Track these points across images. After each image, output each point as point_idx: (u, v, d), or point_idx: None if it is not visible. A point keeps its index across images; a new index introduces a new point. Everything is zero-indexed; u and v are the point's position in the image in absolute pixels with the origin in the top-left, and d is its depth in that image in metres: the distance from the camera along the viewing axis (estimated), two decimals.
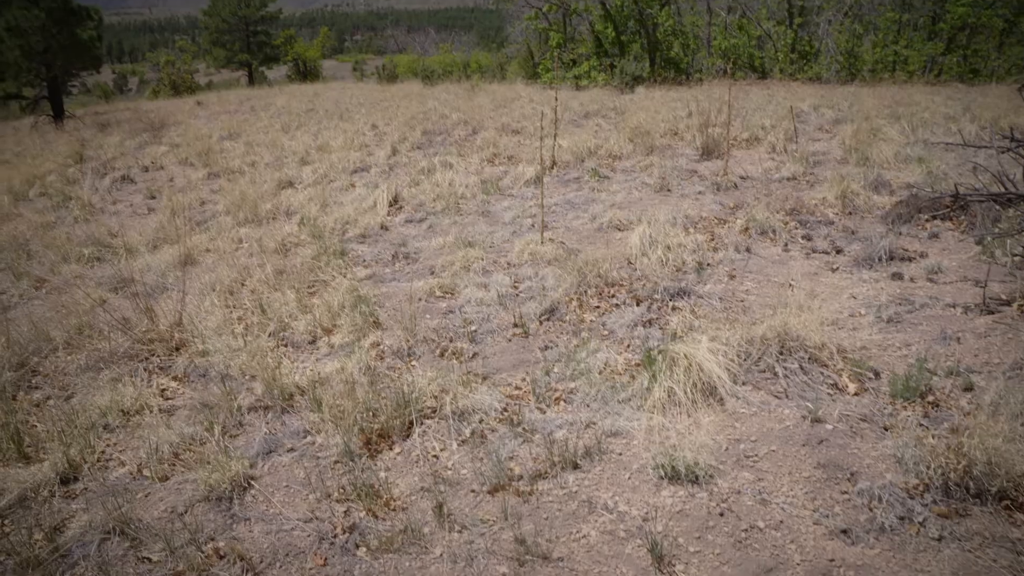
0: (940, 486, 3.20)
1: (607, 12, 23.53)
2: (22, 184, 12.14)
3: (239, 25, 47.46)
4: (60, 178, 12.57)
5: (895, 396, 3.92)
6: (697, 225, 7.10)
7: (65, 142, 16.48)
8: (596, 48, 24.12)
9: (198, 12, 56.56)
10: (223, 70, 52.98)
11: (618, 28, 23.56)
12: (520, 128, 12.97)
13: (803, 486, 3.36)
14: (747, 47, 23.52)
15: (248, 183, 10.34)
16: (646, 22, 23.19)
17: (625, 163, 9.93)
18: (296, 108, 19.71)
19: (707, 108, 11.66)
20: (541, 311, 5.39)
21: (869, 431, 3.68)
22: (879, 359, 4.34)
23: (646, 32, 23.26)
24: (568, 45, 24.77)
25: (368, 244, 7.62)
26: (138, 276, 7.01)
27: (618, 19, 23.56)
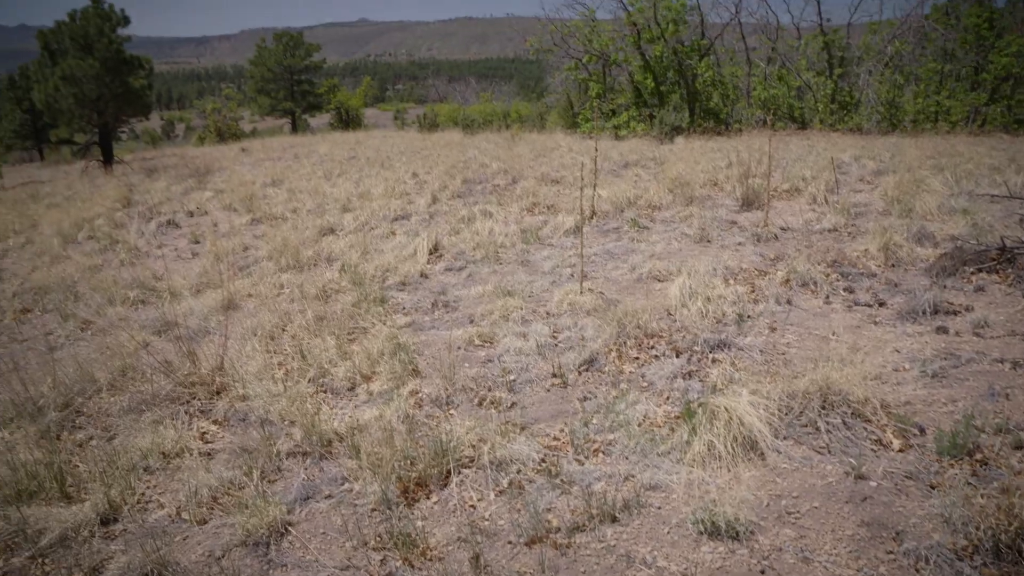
0: (990, 548, 3.12)
1: (647, 63, 23.71)
2: (72, 227, 12.44)
3: (284, 74, 48.55)
4: (108, 222, 12.85)
5: (942, 453, 3.84)
6: (737, 276, 7.07)
7: (113, 187, 16.88)
8: (635, 98, 24.26)
9: (245, 61, 57.97)
10: (267, 117, 54.04)
11: (657, 79, 23.71)
12: (560, 178, 13.05)
13: (847, 544, 3.29)
14: (787, 97, 23.53)
15: (290, 229, 10.49)
16: (685, 73, 23.33)
17: (665, 213, 9.94)
18: (338, 156, 20.02)
19: (747, 158, 11.66)
20: (580, 361, 5.38)
21: (915, 489, 3.61)
22: (924, 415, 4.27)
23: (685, 83, 23.39)
24: (607, 95, 24.94)
25: (408, 292, 7.68)
26: (181, 320, 7.12)
27: (657, 70, 23.72)
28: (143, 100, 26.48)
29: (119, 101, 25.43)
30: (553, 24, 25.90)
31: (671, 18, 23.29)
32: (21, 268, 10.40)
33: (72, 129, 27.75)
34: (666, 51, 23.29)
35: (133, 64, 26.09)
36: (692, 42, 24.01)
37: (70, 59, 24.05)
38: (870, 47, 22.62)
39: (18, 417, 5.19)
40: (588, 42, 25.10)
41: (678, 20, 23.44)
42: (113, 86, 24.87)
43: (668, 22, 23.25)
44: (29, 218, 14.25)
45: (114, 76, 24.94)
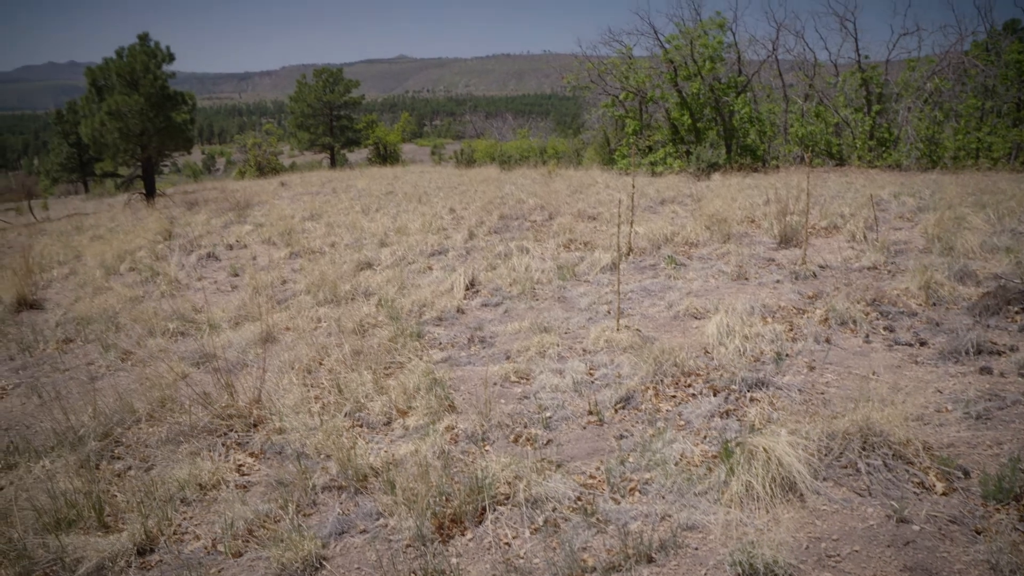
0: None
1: (683, 100, 23.78)
2: (114, 259, 12.66)
3: (323, 110, 49.27)
4: (149, 254, 13.07)
5: (987, 497, 3.76)
6: (775, 314, 7.02)
7: (155, 219, 17.15)
8: (672, 135, 24.31)
9: (285, 97, 58.95)
10: (306, 152, 54.83)
11: (694, 115, 23.76)
12: (596, 214, 13.07)
13: None
14: (824, 134, 23.44)
15: (328, 263, 10.60)
16: (722, 109, 23.36)
17: (702, 250, 9.92)
18: (376, 190, 20.21)
19: (784, 195, 11.61)
20: (616, 399, 5.36)
21: (959, 534, 3.54)
22: (968, 457, 4.19)
23: (722, 119, 23.41)
24: (644, 132, 25.01)
25: (444, 327, 7.71)
26: (220, 352, 7.21)
27: (694, 107, 23.77)
28: (186, 135, 26.96)
29: (162, 135, 25.90)
30: (590, 61, 26.11)
31: (708, 55, 23.37)
32: (64, 299, 10.60)
33: (116, 162, 28.30)
34: (703, 88, 23.36)
35: (177, 100, 26.61)
36: (729, 79, 24.07)
37: (116, 95, 24.58)
38: (909, 83, 22.50)
39: (59, 446, 5.27)
40: (625, 79, 25.25)
41: (715, 57, 23.51)
42: (157, 121, 25.35)
43: (705, 59, 23.33)
44: (73, 249, 14.54)
45: (158, 111, 25.44)
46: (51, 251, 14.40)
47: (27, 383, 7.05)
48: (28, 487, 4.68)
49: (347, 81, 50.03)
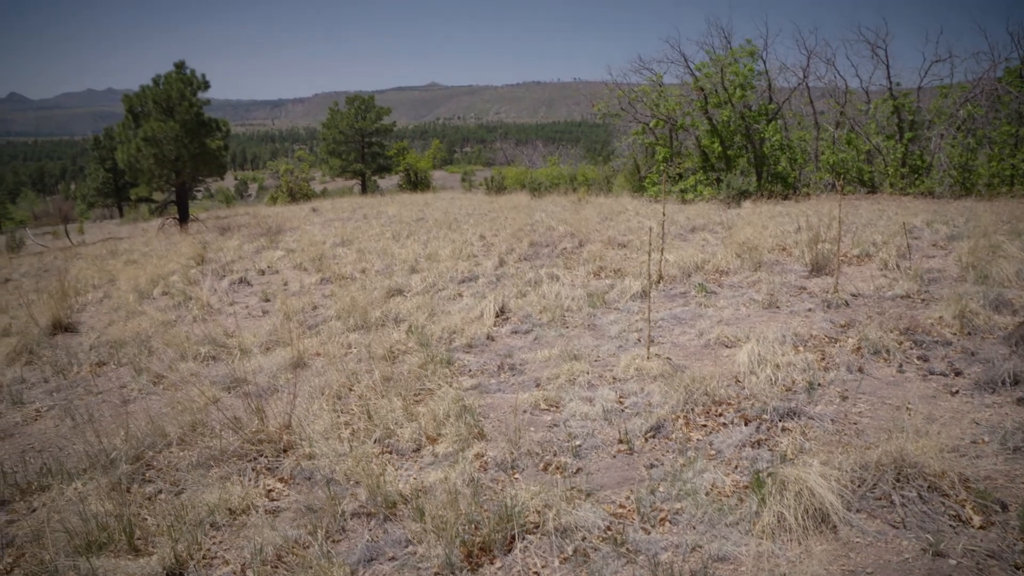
0: None
1: (714, 127, 23.79)
2: (147, 283, 12.83)
3: (355, 137, 49.79)
4: (182, 278, 13.23)
5: None
6: (807, 343, 6.97)
7: (188, 244, 17.37)
8: (702, 162, 24.31)
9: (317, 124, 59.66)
10: (338, 178, 55.35)
11: (725, 143, 23.75)
12: (626, 241, 13.08)
13: None
14: (856, 161, 23.33)
15: (359, 289, 10.66)
16: (753, 137, 23.33)
17: (732, 278, 9.88)
18: (407, 217, 20.36)
19: (815, 223, 11.56)
20: (647, 428, 5.34)
21: (998, 569, 3.48)
22: (1006, 491, 4.13)
23: (753, 147, 23.38)
24: (674, 159, 25.04)
25: (474, 354, 7.72)
26: (251, 377, 7.27)
27: (725, 134, 23.77)
28: (219, 161, 27.38)
29: (196, 161, 26.35)
30: (620, 89, 26.22)
31: (738, 83, 23.40)
32: (98, 322, 10.75)
33: (151, 188, 28.83)
34: (733, 116, 23.37)
35: (211, 126, 27.08)
36: (759, 106, 24.06)
37: (152, 121, 25.06)
38: (941, 110, 22.34)
39: (91, 468, 5.34)
40: (655, 106, 25.32)
41: (745, 85, 23.54)
42: (191, 147, 25.80)
43: (735, 87, 23.36)
44: (108, 273, 14.75)
45: (193, 138, 25.89)
46: (86, 275, 14.63)
47: (61, 405, 7.16)
48: (60, 509, 4.74)
49: (379, 108, 50.62)
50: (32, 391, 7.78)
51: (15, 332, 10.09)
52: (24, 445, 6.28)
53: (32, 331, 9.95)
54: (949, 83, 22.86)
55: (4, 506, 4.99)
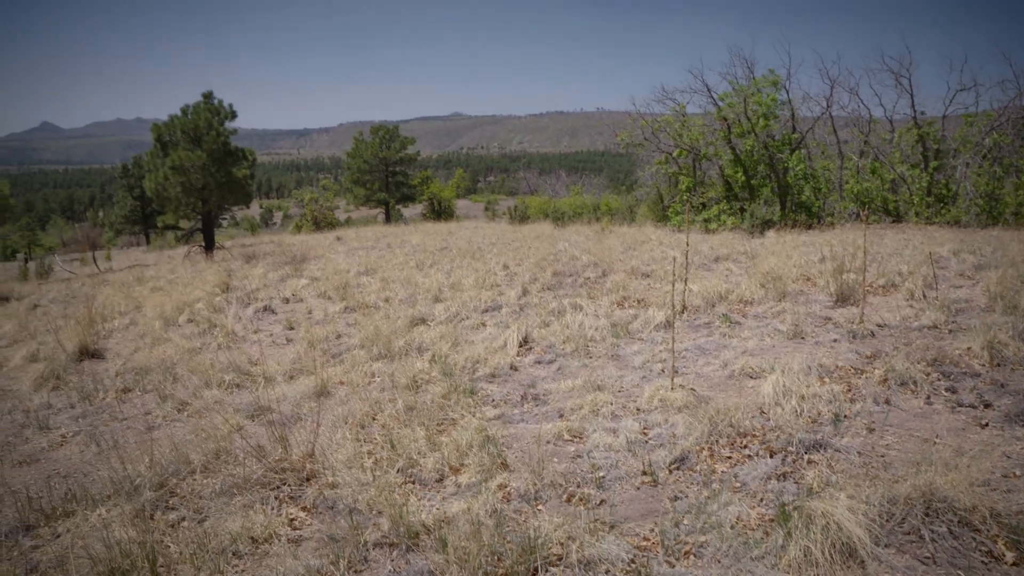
0: None
1: (737, 157, 23.79)
2: (173, 310, 12.94)
3: (379, 166, 50.19)
4: (207, 306, 13.33)
5: None
6: (832, 374, 6.91)
7: (214, 272, 17.52)
8: (726, 192, 24.29)
9: (342, 153, 60.22)
10: (362, 207, 55.71)
11: (748, 172, 23.73)
12: (650, 271, 13.06)
13: None
14: (880, 191, 23.24)
15: (383, 318, 10.70)
16: (776, 166, 23.31)
17: (757, 309, 9.83)
18: (430, 246, 20.44)
19: (840, 253, 11.49)
20: (671, 459, 5.31)
21: None
22: None
23: (776, 176, 23.34)
24: (698, 189, 25.04)
25: (497, 384, 7.72)
26: (274, 405, 7.30)
27: (748, 164, 23.76)
28: (245, 189, 27.66)
29: (223, 190, 26.64)
30: (644, 119, 26.31)
31: (761, 113, 23.42)
32: (124, 348, 10.85)
33: (178, 216, 29.14)
34: (757, 145, 23.37)
35: (237, 155, 27.40)
36: (783, 136, 24.06)
37: (180, 150, 25.40)
38: (967, 139, 22.25)
39: (115, 495, 5.37)
40: (678, 136, 25.38)
41: (768, 115, 23.55)
42: (218, 176, 26.11)
43: (759, 117, 23.38)
44: (134, 300, 14.90)
45: (219, 166, 26.21)
46: (113, 301, 14.78)
47: (86, 431, 7.21)
48: (84, 535, 4.77)
49: (403, 138, 51.06)
50: (58, 416, 7.86)
51: (43, 358, 10.20)
52: (50, 470, 6.33)
53: (59, 357, 10.06)
54: (974, 111, 22.78)
55: (29, 531, 5.02)
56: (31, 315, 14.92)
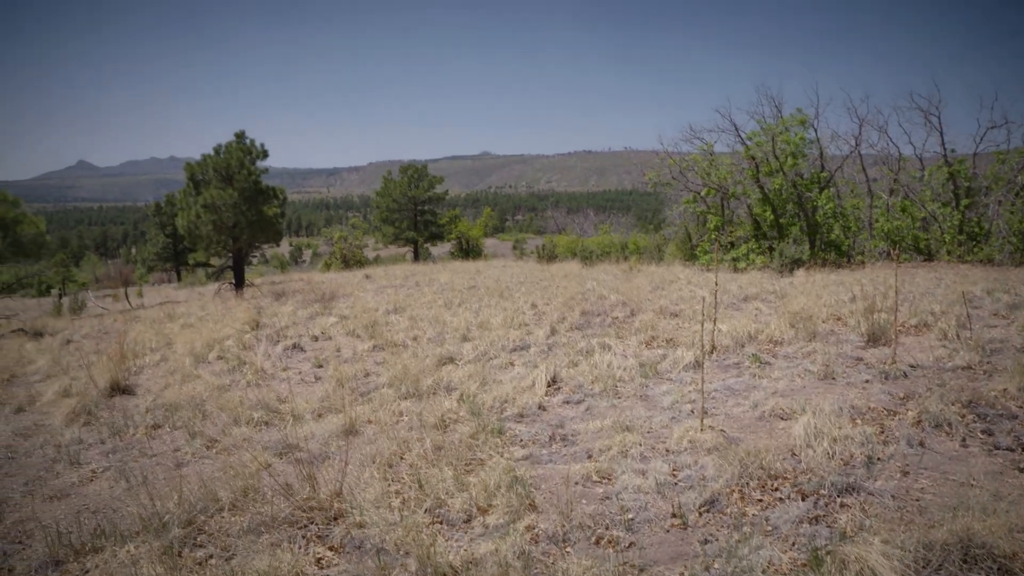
0: None
1: (765, 196, 23.75)
2: (203, 347, 13.04)
3: (408, 205, 50.56)
4: (237, 343, 13.42)
5: None
6: (865, 416, 6.82)
7: (243, 309, 17.64)
8: (754, 231, 24.23)
9: (371, 192, 60.82)
10: (391, 245, 56.08)
11: (776, 211, 23.67)
12: (678, 311, 13.00)
13: None
14: (911, 229, 23.07)
15: (411, 357, 10.72)
16: (805, 205, 23.23)
17: (786, 348, 9.75)
18: (458, 284, 20.49)
19: (871, 292, 11.41)
20: (701, 502, 5.25)
21: None
22: None
23: (805, 215, 23.25)
24: (726, 227, 24.99)
25: (526, 424, 7.69)
26: (303, 443, 7.32)
27: (776, 202, 23.70)
28: (276, 228, 27.92)
29: (254, 228, 26.91)
30: (671, 158, 26.39)
31: (790, 152, 23.41)
32: (155, 385, 10.93)
33: (209, 253, 29.46)
34: (785, 184, 23.33)
35: (268, 194, 27.71)
36: (812, 174, 24.01)
37: (212, 188, 25.73)
38: (999, 176, 22.08)
39: (144, 531, 5.39)
40: (706, 175, 25.41)
41: (797, 153, 23.54)
42: (249, 214, 26.39)
43: (787, 156, 23.36)
44: (165, 337, 15.03)
45: (250, 205, 26.51)
46: (144, 338, 14.92)
47: (116, 467, 7.25)
48: (113, 571, 4.79)
49: (431, 177, 51.48)
50: (89, 452, 7.92)
51: (75, 393, 10.32)
52: (79, 506, 6.37)
53: (91, 392, 10.17)
54: (1006, 149, 22.63)
55: (59, 567, 5.05)
56: (64, 350, 15.10)
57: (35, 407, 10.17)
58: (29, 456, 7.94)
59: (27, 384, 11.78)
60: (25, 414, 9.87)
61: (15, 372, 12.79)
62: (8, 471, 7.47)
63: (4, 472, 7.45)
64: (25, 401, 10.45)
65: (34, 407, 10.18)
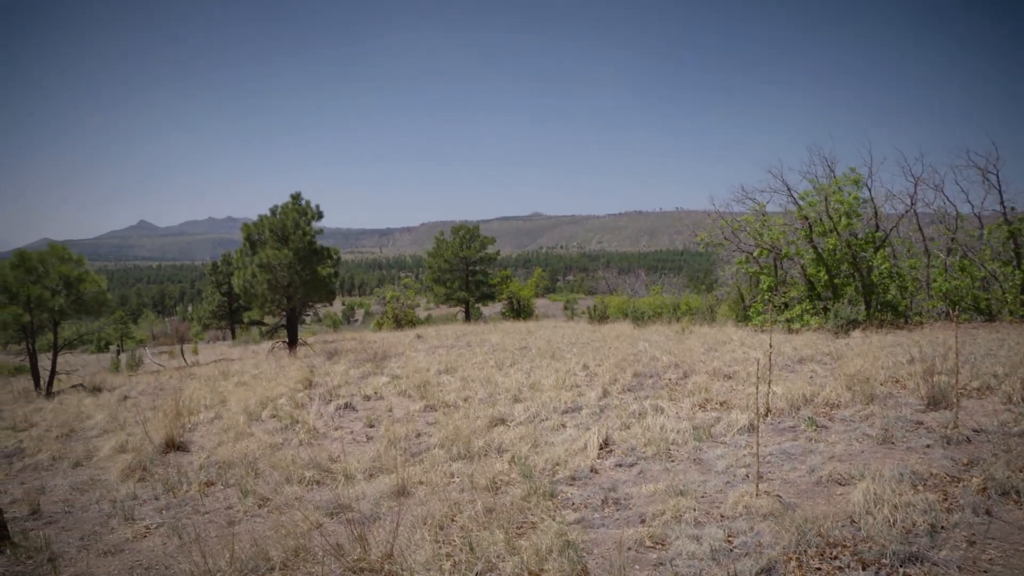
0: None
1: (819, 256, 23.53)
2: (257, 405, 13.22)
3: (459, 265, 50.98)
4: (290, 401, 13.59)
5: None
6: (927, 482, 6.64)
7: (296, 368, 17.87)
8: (808, 291, 23.96)
9: (423, 252, 61.56)
10: (442, 305, 56.43)
11: (831, 271, 23.41)
12: (732, 372, 12.85)
13: None
14: (971, 289, 22.61)
15: (462, 418, 10.73)
16: (860, 265, 22.94)
17: (843, 412, 9.56)
18: (510, 345, 20.52)
19: (930, 354, 11.17)
20: (757, 570, 5.14)
21: None
22: None
23: (860, 275, 22.95)
24: (779, 288, 24.75)
25: (577, 487, 7.62)
26: (354, 503, 7.34)
27: (831, 263, 23.46)
28: (329, 287, 28.34)
29: (307, 288, 27.35)
30: (723, 218, 26.36)
31: (843, 211, 23.24)
32: (209, 442, 11.09)
33: (263, 312, 29.95)
34: (839, 244, 23.11)
35: (323, 254, 28.20)
36: (866, 234, 23.76)
37: (268, 248, 26.28)
38: None
39: None
40: (758, 235, 25.29)
41: (851, 213, 23.35)
42: (303, 274, 26.86)
43: (840, 215, 23.19)
44: (219, 394, 15.27)
45: (305, 265, 26.99)
46: (199, 395, 15.17)
47: (169, 523, 7.34)
48: None
49: (483, 238, 51.90)
50: (143, 508, 8.03)
51: (131, 449, 10.52)
52: (132, 562, 6.44)
53: (146, 448, 10.36)
54: None
55: None
56: (121, 406, 15.42)
57: (92, 462, 10.39)
58: (85, 511, 8.09)
59: (85, 439, 12.05)
60: (82, 468, 10.09)
61: (74, 427, 13.10)
62: (64, 525, 7.62)
63: (61, 526, 7.60)
64: (83, 456, 10.69)
65: (91, 462, 10.40)
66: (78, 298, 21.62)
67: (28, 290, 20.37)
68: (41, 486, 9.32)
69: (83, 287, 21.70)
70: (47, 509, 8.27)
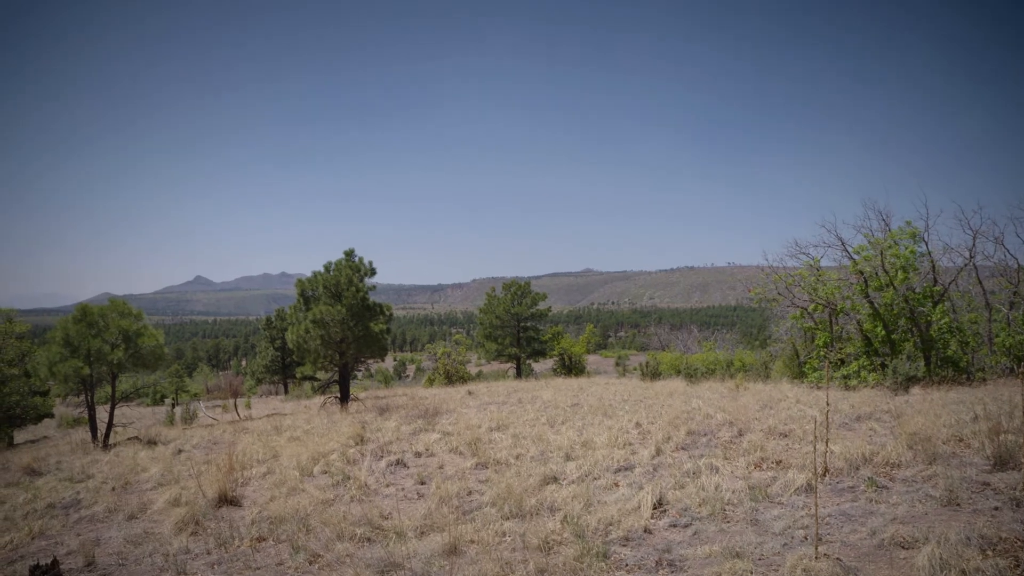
0: None
1: (876, 311, 23.13)
2: (309, 460, 13.31)
3: (511, 321, 51.12)
4: (341, 457, 13.65)
5: None
6: (996, 547, 6.40)
7: (348, 423, 17.99)
8: (865, 347, 23.52)
9: (475, 308, 61.93)
10: (493, 361, 56.50)
11: (888, 327, 22.98)
12: (788, 431, 12.61)
13: None
14: None
15: (514, 476, 10.67)
16: (918, 320, 22.49)
17: (904, 472, 9.30)
18: (561, 402, 20.43)
19: (995, 411, 10.85)
20: None
21: None
22: None
23: (919, 330, 22.49)
24: (835, 344, 24.34)
25: (631, 547, 7.50)
26: (405, 561, 7.30)
27: (887, 318, 23.04)
28: (381, 343, 28.60)
29: (360, 343, 27.66)
30: (776, 273, 26.09)
31: (899, 265, 22.88)
32: (261, 496, 11.15)
33: (316, 367, 30.33)
34: (896, 298, 22.71)
35: (375, 310, 28.54)
36: (924, 288, 23.32)
37: (321, 304, 26.71)
38: None
39: None
40: (813, 291, 24.97)
41: (907, 267, 22.98)
42: (356, 330, 27.19)
43: (896, 269, 22.83)
44: (272, 449, 15.40)
45: (358, 320, 27.33)
46: (252, 449, 15.32)
47: None
48: None
49: (534, 294, 52.09)
50: (195, 562, 8.09)
51: (184, 502, 10.63)
52: None
53: (200, 502, 10.46)
54: None
55: None
56: (176, 459, 15.63)
57: (146, 514, 10.52)
58: (139, 564, 8.17)
59: (140, 491, 12.21)
60: (136, 521, 10.21)
61: (129, 479, 13.29)
62: None
63: None
64: (137, 508, 10.82)
65: (145, 514, 10.53)
66: (136, 352, 22.08)
67: (89, 343, 20.87)
68: (96, 538, 9.46)
69: (141, 341, 22.17)
70: (101, 561, 8.38)
